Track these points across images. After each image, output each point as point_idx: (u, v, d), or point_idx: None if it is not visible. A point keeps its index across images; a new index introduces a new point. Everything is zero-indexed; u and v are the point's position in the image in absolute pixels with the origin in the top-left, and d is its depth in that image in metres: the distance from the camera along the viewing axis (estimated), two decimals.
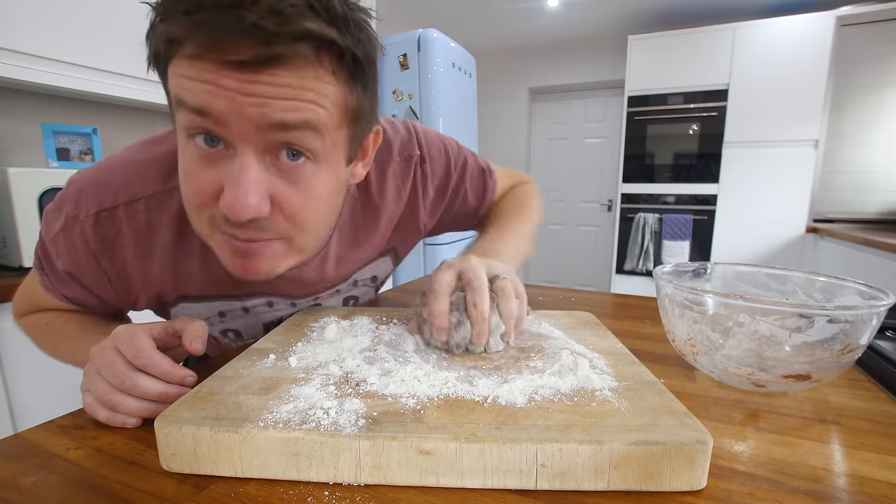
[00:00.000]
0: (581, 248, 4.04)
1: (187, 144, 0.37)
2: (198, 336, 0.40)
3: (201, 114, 0.35)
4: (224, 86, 0.33)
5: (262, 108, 0.34)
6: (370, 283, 0.67)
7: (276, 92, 0.34)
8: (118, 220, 0.46)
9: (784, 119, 2.74)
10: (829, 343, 0.38)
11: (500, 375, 0.38)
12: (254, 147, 0.36)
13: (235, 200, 0.36)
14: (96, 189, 0.46)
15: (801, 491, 0.29)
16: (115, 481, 0.30)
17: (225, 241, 0.40)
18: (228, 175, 0.37)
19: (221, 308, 0.56)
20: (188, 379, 0.38)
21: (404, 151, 0.59)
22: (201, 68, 0.33)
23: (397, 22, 3.12)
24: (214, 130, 0.36)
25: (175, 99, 0.36)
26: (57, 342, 0.53)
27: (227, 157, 0.37)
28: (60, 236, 0.46)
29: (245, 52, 0.32)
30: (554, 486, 0.29)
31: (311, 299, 0.61)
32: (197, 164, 0.37)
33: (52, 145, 1.33)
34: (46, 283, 0.51)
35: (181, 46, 0.33)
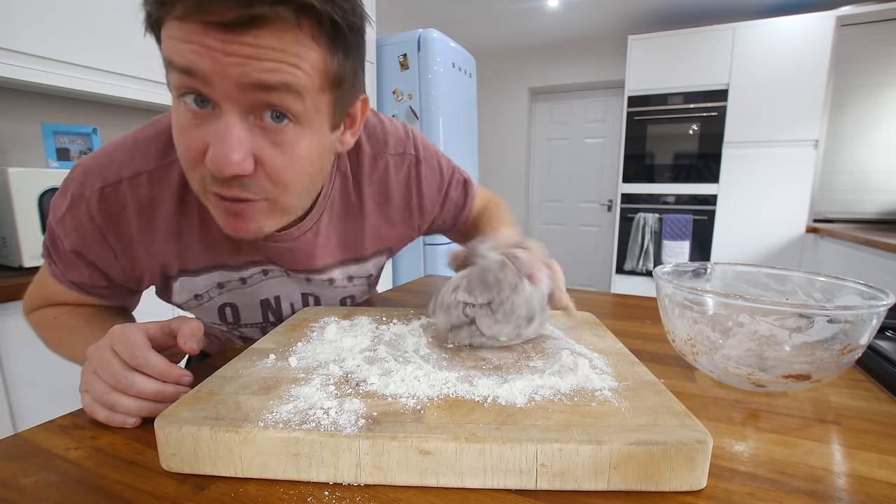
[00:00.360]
0: (581, 248, 4.04)
1: (178, 104, 0.39)
2: (193, 335, 0.40)
3: (188, 73, 0.36)
4: (208, 46, 0.35)
5: (243, 68, 0.36)
6: (365, 281, 0.68)
7: (257, 53, 0.35)
8: (122, 195, 0.48)
9: (784, 119, 2.74)
10: (829, 343, 0.38)
11: (500, 375, 0.38)
12: (237, 106, 0.38)
13: (220, 156, 0.37)
14: (100, 167, 0.48)
15: (801, 491, 0.29)
16: (115, 481, 0.30)
17: (218, 201, 0.42)
18: (214, 133, 0.38)
19: (220, 279, 0.57)
20: (184, 378, 0.39)
21: (399, 147, 0.61)
22: (188, 30, 0.35)
23: (397, 22, 3.12)
24: (201, 90, 0.37)
25: (166, 60, 0.37)
26: (61, 338, 0.54)
27: (214, 116, 0.38)
28: (67, 216, 0.48)
29: (228, 13, 0.34)
30: (554, 486, 0.29)
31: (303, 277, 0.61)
32: (187, 123, 0.39)
33: (52, 145, 1.33)
34: (55, 270, 0.52)
35: (172, 8, 0.35)
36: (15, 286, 1.01)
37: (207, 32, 0.35)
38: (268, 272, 0.59)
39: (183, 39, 0.35)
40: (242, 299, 0.61)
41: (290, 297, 0.64)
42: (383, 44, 2.36)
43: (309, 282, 0.62)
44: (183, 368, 0.39)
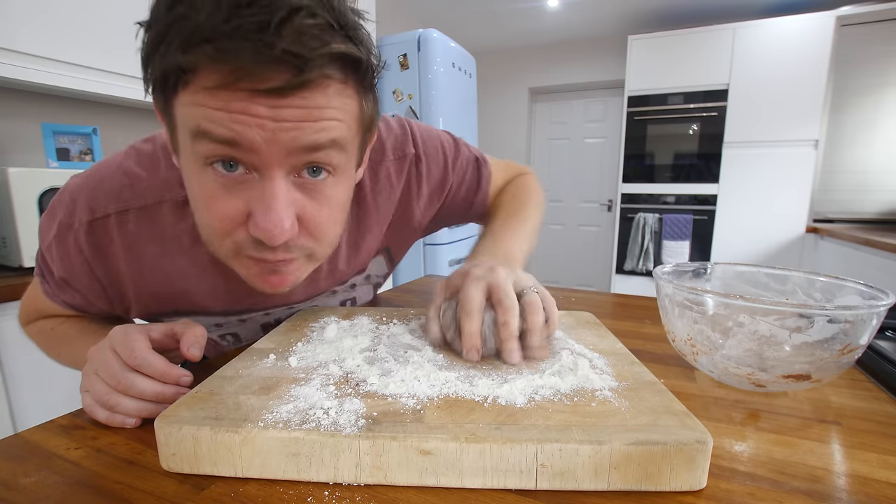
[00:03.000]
0: (581, 248, 4.04)
1: (204, 171, 0.36)
2: (196, 342, 0.40)
3: (230, 144, 0.34)
4: (256, 114, 0.32)
5: (294, 132, 0.34)
6: (365, 283, 0.67)
7: (306, 115, 0.34)
8: (110, 228, 0.46)
9: (784, 119, 2.74)
10: (829, 343, 0.38)
11: (500, 375, 0.38)
12: (282, 170, 0.36)
13: (271, 226, 0.36)
14: (89, 196, 0.46)
15: (801, 491, 0.29)
16: (115, 481, 0.30)
17: (253, 263, 0.40)
18: (258, 201, 0.36)
19: (218, 321, 0.56)
20: (184, 379, 0.38)
21: (398, 150, 0.58)
22: (228, 98, 0.32)
23: (397, 22, 3.12)
24: (242, 158, 0.35)
25: (193, 130, 0.34)
26: (61, 347, 0.53)
27: (251, 180, 0.36)
28: (54, 244, 0.46)
29: (276, 78, 0.31)
30: (554, 486, 0.29)
31: (308, 303, 0.61)
32: (218, 191, 0.36)
33: (52, 145, 1.33)
34: (47, 289, 0.51)
35: (196, 76, 0.32)
36: (15, 286, 1.01)
37: (253, 100, 0.32)
38: (269, 313, 0.58)
39: (221, 108, 0.32)
40: (242, 329, 0.61)
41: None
42: (383, 44, 2.35)
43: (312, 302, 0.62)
44: (182, 369, 0.39)
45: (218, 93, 0.32)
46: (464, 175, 0.64)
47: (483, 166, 0.66)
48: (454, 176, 0.63)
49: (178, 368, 0.38)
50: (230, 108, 0.32)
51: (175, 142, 0.38)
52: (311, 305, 0.62)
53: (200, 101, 0.33)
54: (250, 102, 0.32)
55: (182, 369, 0.39)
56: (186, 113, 0.34)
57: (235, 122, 0.33)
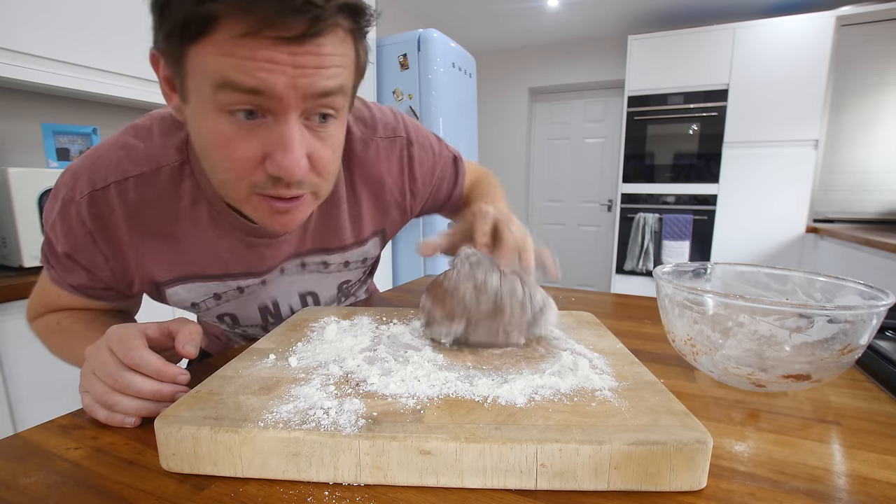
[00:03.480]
0: (581, 248, 4.04)
1: (219, 117, 0.38)
2: (191, 339, 0.40)
3: (256, 93, 0.36)
4: (279, 61, 0.35)
5: (311, 79, 0.37)
6: (361, 265, 0.67)
7: (320, 61, 0.37)
8: (111, 199, 0.47)
9: (784, 119, 2.74)
10: (829, 343, 0.38)
11: (500, 375, 0.38)
12: (296, 113, 0.39)
13: (290, 163, 0.39)
14: (89, 171, 0.48)
15: (801, 491, 0.29)
16: (115, 481, 0.30)
17: (265, 202, 0.43)
18: (277, 141, 0.39)
19: (217, 290, 0.56)
20: (180, 377, 0.38)
21: (389, 130, 0.60)
22: (254, 46, 0.34)
23: (397, 22, 3.12)
24: (263, 105, 0.37)
25: (218, 80, 0.36)
26: (64, 343, 0.53)
27: (266, 124, 0.39)
28: (58, 220, 0.48)
29: (296, 27, 0.34)
30: (554, 486, 0.29)
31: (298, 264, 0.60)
32: (235, 135, 0.39)
33: (52, 145, 1.32)
34: (53, 275, 0.52)
35: (223, 24, 0.34)
36: (15, 286, 1.01)
37: (276, 47, 0.34)
38: (265, 281, 0.59)
39: (248, 57, 0.34)
40: (240, 309, 0.61)
41: (288, 299, 0.63)
42: (383, 44, 2.36)
43: (304, 269, 0.61)
44: (179, 367, 0.39)
45: (243, 41, 0.34)
46: (445, 170, 0.67)
47: (459, 164, 0.70)
48: (439, 164, 0.66)
49: (175, 367, 0.38)
50: (256, 56, 0.34)
51: (184, 90, 0.39)
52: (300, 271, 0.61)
53: (226, 49, 0.34)
54: (274, 50, 0.34)
55: (178, 367, 0.39)
56: (208, 62, 0.36)
57: (262, 69, 0.35)
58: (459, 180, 0.70)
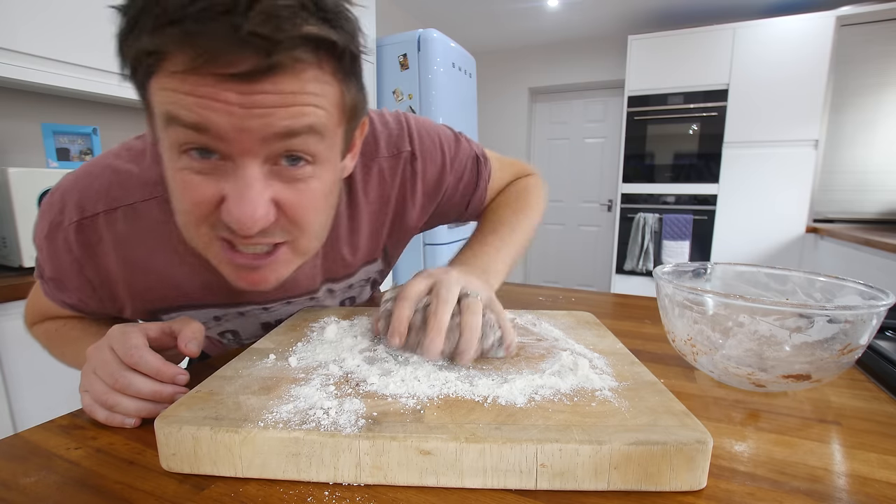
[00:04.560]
0: (581, 248, 4.04)
1: (177, 158, 0.35)
2: (193, 338, 0.40)
3: (199, 130, 0.33)
4: (224, 100, 0.32)
5: (265, 119, 0.33)
6: (364, 284, 0.67)
7: (279, 100, 0.33)
8: (99, 228, 0.45)
9: (784, 119, 2.74)
10: (829, 343, 0.38)
11: (500, 375, 0.38)
12: (256, 158, 0.35)
13: (243, 215, 0.35)
14: (79, 195, 0.46)
15: (801, 491, 0.29)
16: (115, 481, 0.30)
17: (226, 255, 0.40)
18: (232, 189, 0.35)
19: (216, 313, 0.56)
20: (180, 377, 0.38)
21: (392, 147, 0.56)
22: (196, 83, 0.31)
23: (397, 22, 3.12)
24: (212, 145, 0.34)
25: (164, 115, 0.33)
26: (64, 347, 0.53)
27: (226, 167, 0.35)
28: (45, 244, 0.46)
29: (244, 63, 0.30)
30: (554, 486, 0.29)
31: (306, 298, 0.60)
32: (193, 177, 0.36)
33: (52, 145, 1.33)
34: (46, 290, 0.51)
35: (166, 60, 0.31)
36: (15, 286, 1.01)
37: (221, 85, 0.31)
38: (268, 308, 0.58)
39: (189, 93, 0.32)
40: (242, 326, 0.60)
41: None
42: (383, 44, 2.36)
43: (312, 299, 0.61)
44: (179, 367, 0.39)
45: (186, 77, 0.31)
46: (462, 173, 0.62)
47: (483, 166, 0.64)
48: (451, 176, 0.61)
49: (175, 367, 0.38)
50: (198, 93, 0.31)
51: (153, 129, 0.37)
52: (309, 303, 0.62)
53: (170, 85, 0.32)
54: (218, 88, 0.31)
55: (178, 367, 0.38)
56: (158, 98, 0.33)
57: (203, 107, 0.32)
58: (481, 185, 0.64)
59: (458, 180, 0.62)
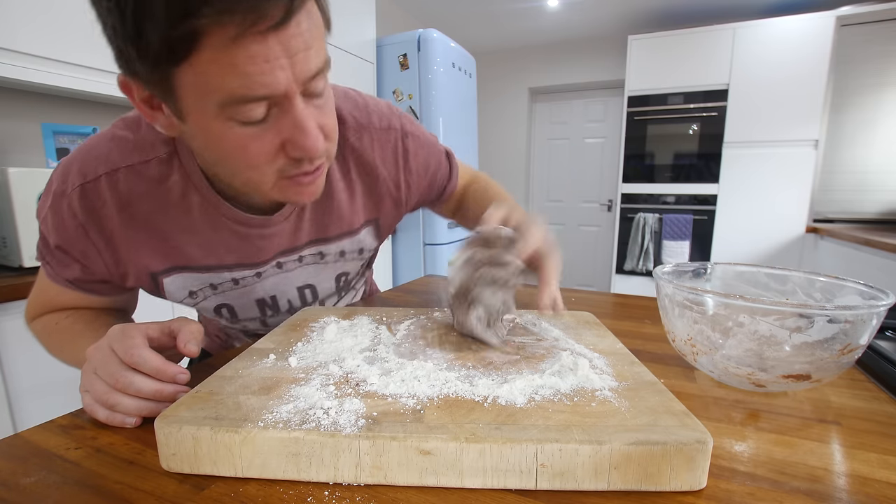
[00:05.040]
0: (581, 248, 4.04)
1: (229, 129, 0.38)
2: (192, 338, 0.40)
3: (266, 98, 0.36)
4: (275, 55, 0.34)
5: (304, 65, 0.36)
6: (357, 256, 0.67)
7: (307, 42, 0.36)
8: (102, 190, 0.48)
9: (784, 119, 2.74)
10: (829, 343, 0.38)
11: (500, 375, 0.38)
12: (299, 96, 0.38)
13: (311, 144, 0.40)
14: (80, 163, 0.48)
15: (801, 491, 0.29)
16: (115, 481, 0.30)
17: (292, 183, 0.44)
18: (291, 128, 0.39)
19: (212, 280, 0.56)
20: (180, 376, 0.38)
21: (384, 121, 0.60)
22: (247, 48, 0.33)
23: (397, 22, 3.12)
24: (274, 103, 0.37)
25: (225, 97, 0.35)
26: (63, 344, 0.53)
27: (275, 115, 0.38)
28: (49, 213, 0.48)
29: (276, 12, 0.32)
30: (554, 486, 0.29)
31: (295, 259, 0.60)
32: (249, 138, 0.39)
33: (52, 145, 1.32)
34: (49, 271, 0.52)
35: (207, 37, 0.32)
36: (15, 286, 1.01)
37: (266, 41, 0.33)
38: (261, 274, 0.58)
39: (246, 63, 0.33)
40: (237, 300, 0.61)
41: (286, 293, 0.63)
42: (383, 44, 2.36)
43: (301, 262, 0.61)
44: (179, 366, 0.39)
45: (235, 47, 0.32)
46: (440, 164, 0.68)
47: (452, 159, 0.71)
48: (434, 161, 0.66)
49: (175, 366, 0.38)
50: (255, 59, 0.33)
51: (178, 110, 0.38)
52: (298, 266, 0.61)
53: (222, 62, 0.33)
54: (265, 45, 0.33)
55: (179, 367, 0.39)
56: (207, 81, 0.34)
57: (263, 72, 0.34)
58: (453, 174, 0.71)
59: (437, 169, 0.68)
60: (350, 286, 0.73)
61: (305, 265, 0.62)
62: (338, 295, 0.71)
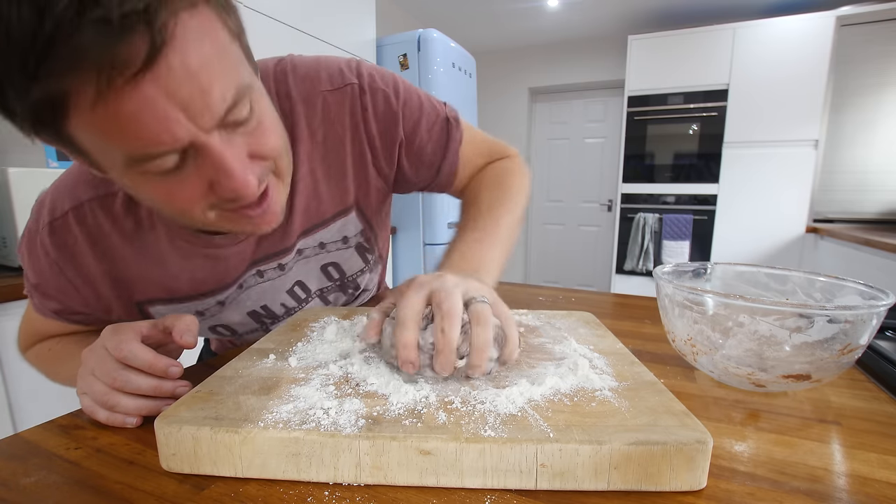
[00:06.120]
0: (581, 248, 4.04)
1: (147, 181, 0.35)
2: (188, 330, 0.39)
3: (162, 155, 0.32)
4: (162, 110, 0.29)
5: (204, 109, 0.31)
6: (343, 245, 0.61)
7: (200, 82, 0.30)
8: (70, 226, 0.46)
9: (784, 119, 2.74)
10: (829, 343, 0.38)
11: (500, 375, 0.38)
12: (216, 136, 0.34)
13: (241, 188, 0.36)
14: (52, 198, 0.47)
15: (801, 491, 0.29)
16: (115, 481, 0.30)
17: (239, 216, 0.41)
18: (214, 171, 0.35)
19: (197, 308, 0.55)
20: (173, 369, 0.38)
21: (336, 80, 0.52)
22: (118, 110, 0.28)
23: (397, 22, 3.12)
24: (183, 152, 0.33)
25: (126, 158, 0.32)
26: (59, 366, 0.52)
27: (193, 161, 0.35)
28: (24, 251, 0.48)
29: (135, 52, 0.27)
30: (554, 486, 0.29)
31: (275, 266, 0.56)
32: (172, 185, 0.35)
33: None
34: (35, 303, 0.51)
35: (73, 95, 0.27)
36: (15, 286, 1.01)
37: (143, 94, 0.28)
38: (242, 285, 0.56)
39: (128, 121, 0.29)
40: (230, 318, 0.59)
41: (276, 299, 0.60)
42: (383, 44, 2.36)
43: (282, 269, 0.57)
44: (171, 359, 0.38)
45: (105, 109, 0.28)
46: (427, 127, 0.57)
47: (454, 128, 0.59)
48: (404, 113, 0.55)
49: (167, 359, 0.38)
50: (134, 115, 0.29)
51: (92, 162, 0.35)
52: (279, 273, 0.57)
53: (100, 123, 0.29)
54: (142, 99, 0.28)
55: (171, 360, 0.38)
56: (98, 142, 0.31)
57: (157, 131, 0.30)
58: (452, 147, 0.59)
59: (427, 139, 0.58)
60: (353, 282, 0.67)
61: (289, 269, 0.58)
62: (343, 292, 0.67)
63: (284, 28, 1.77)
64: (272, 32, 1.72)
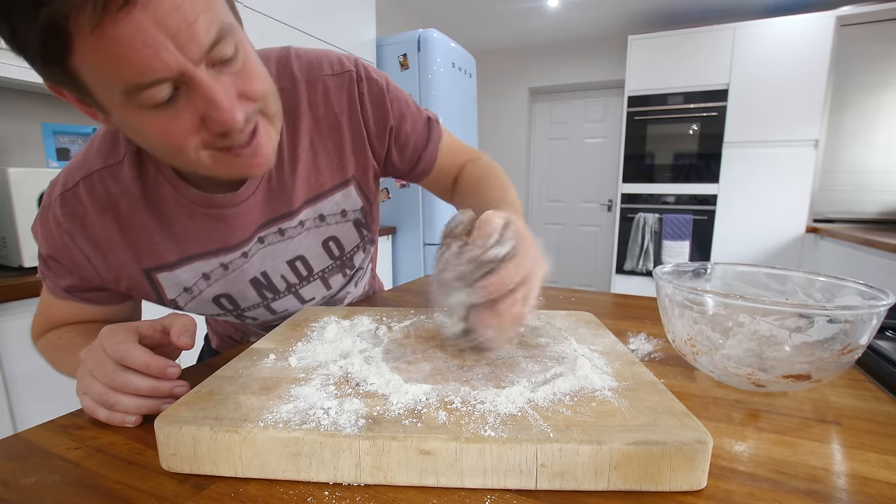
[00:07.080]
0: (581, 248, 4.04)
1: (146, 115, 0.37)
2: (185, 330, 0.40)
3: (163, 81, 0.34)
4: (152, 38, 0.32)
5: (190, 40, 0.34)
6: (341, 219, 0.64)
7: (185, 15, 0.33)
8: (81, 196, 0.49)
9: (784, 119, 2.74)
10: (829, 343, 0.38)
11: (500, 375, 0.38)
12: (203, 70, 0.36)
13: (226, 117, 0.38)
14: (65, 174, 0.50)
15: (801, 491, 0.29)
16: (115, 481, 0.30)
17: (228, 157, 0.42)
18: (204, 105, 0.37)
19: (203, 269, 0.56)
20: (170, 370, 0.38)
21: (336, 66, 0.58)
22: (113, 37, 0.31)
23: (397, 22, 3.12)
24: (176, 83, 0.35)
25: (125, 87, 0.34)
26: (66, 357, 0.53)
27: (185, 94, 0.37)
28: (38, 225, 0.51)
29: None
30: (554, 486, 0.29)
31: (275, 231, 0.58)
32: (167, 120, 0.38)
33: (51, 145, 1.32)
34: (49, 284, 0.53)
35: (72, 28, 0.30)
36: (15, 286, 1.01)
37: (135, 23, 0.31)
38: (247, 253, 0.58)
39: (122, 48, 0.31)
40: (233, 286, 0.60)
41: (277, 269, 0.61)
42: (383, 44, 2.36)
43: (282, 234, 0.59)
44: (168, 360, 0.38)
45: (102, 37, 0.31)
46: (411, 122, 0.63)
47: (434, 127, 0.66)
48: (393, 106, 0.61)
49: (164, 360, 0.38)
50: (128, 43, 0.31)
51: (98, 104, 0.37)
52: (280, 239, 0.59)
53: (103, 52, 0.32)
54: (135, 28, 0.31)
55: (168, 360, 0.38)
56: (101, 73, 0.33)
57: (148, 57, 0.32)
58: (432, 140, 0.66)
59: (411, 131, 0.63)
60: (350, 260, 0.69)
61: (289, 237, 0.60)
62: (341, 272, 0.68)
63: (284, 28, 1.78)
64: (272, 32, 1.72)
